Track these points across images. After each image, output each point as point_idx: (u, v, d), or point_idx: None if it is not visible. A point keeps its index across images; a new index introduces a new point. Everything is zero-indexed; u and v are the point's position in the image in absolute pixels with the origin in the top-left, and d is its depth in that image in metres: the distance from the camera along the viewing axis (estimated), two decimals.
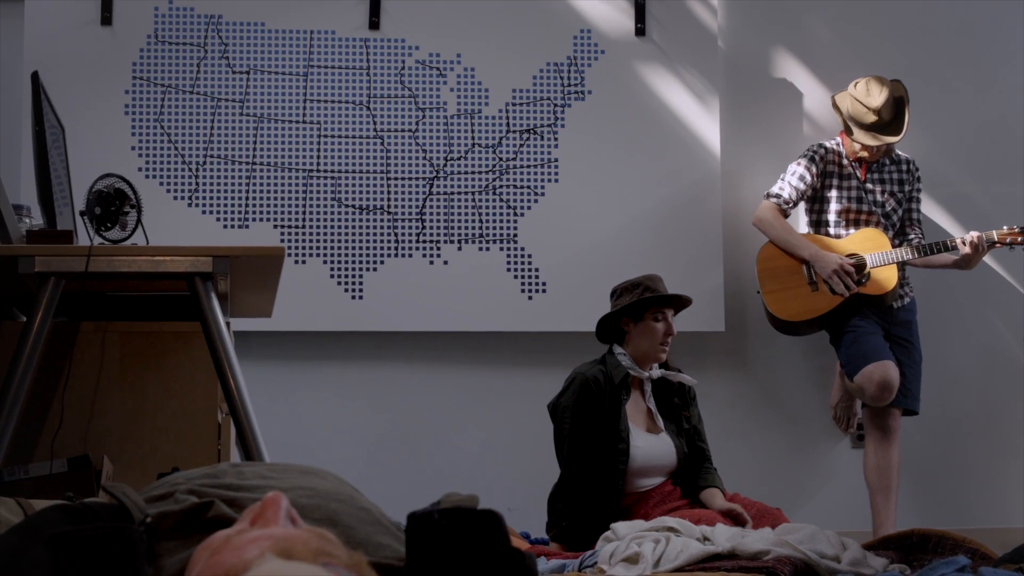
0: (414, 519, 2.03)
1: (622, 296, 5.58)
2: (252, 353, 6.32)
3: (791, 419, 7.00)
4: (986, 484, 7.13)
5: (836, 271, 6.17)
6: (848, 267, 6.18)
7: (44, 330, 3.71)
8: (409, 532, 2.03)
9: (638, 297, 5.49)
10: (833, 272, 6.18)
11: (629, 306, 5.50)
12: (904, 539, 4.88)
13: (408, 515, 2.06)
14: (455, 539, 1.83)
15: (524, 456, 6.43)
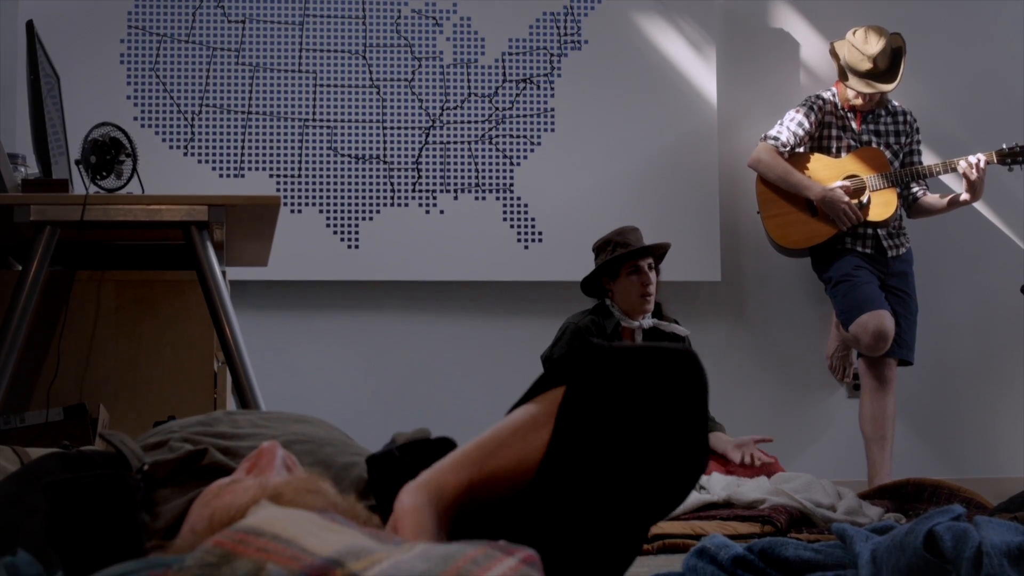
0: (374, 460, 2.04)
1: (598, 255, 5.61)
2: (248, 302, 6.32)
3: (787, 369, 7.01)
4: (981, 434, 7.15)
5: (843, 209, 6.16)
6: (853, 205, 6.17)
7: (40, 279, 3.71)
8: (371, 474, 2.04)
9: (609, 256, 5.50)
10: (840, 211, 6.17)
11: (603, 267, 5.52)
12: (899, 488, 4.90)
13: (367, 459, 2.07)
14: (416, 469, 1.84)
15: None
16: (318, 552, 1.35)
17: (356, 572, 1.33)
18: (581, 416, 1.86)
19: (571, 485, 1.86)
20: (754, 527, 4.31)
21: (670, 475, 1.90)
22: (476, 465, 1.82)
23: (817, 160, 6.39)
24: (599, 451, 1.85)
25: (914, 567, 2.66)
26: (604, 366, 1.89)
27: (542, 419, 1.88)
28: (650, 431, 1.86)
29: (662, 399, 1.87)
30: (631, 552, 2.02)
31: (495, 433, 1.89)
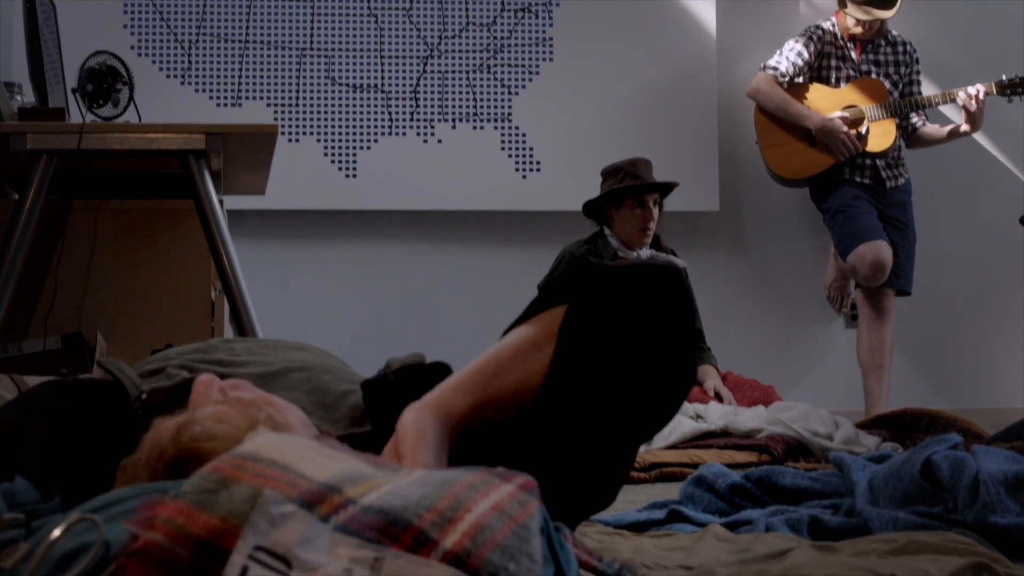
0: (369, 385, 2.04)
1: (606, 180, 5.59)
2: (246, 232, 6.31)
3: (785, 299, 7.01)
4: (979, 365, 7.16)
5: (841, 140, 6.14)
6: (851, 135, 6.16)
7: (36, 208, 3.70)
8: (367, 399, 2.04)
9: (617, 184, 5.49)
10: (839, 141, 6.15)
11: (609, 193, 5.51)
12: (896, 418, 4.91)
13: (361, 384, 2.07)
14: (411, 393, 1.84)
15: None
16: (315, 478, 1.35)
17: (353, 498, 1.33)
18: (582, 334, 1.87)
19: (571, 402, 1.86)
20: (751, 456, 4.33)
21: (662, 388, 1.91)
22: (480, 388, 1.82)
23: (816, 90, 6.37)
24: (599, 367, 1.86)
25: (911, 495, 2.67)
26: (602, 284, 1.90)
27: (542, 340, 1.88)
28: (643, 344, 1.87)
29: (654, 313, 1.89)
30: (623, 470, 2.03)
31: (496, 356, 1.89)
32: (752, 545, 2.38)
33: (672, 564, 2.28)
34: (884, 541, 2.24)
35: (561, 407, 1.87)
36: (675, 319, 1.91)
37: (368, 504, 1.32)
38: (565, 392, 1.86)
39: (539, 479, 1.41)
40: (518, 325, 1.96)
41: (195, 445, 1.54)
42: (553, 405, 1.86)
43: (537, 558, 1.37)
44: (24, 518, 1.39)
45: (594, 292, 1.90)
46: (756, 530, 2.65)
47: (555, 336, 1.89)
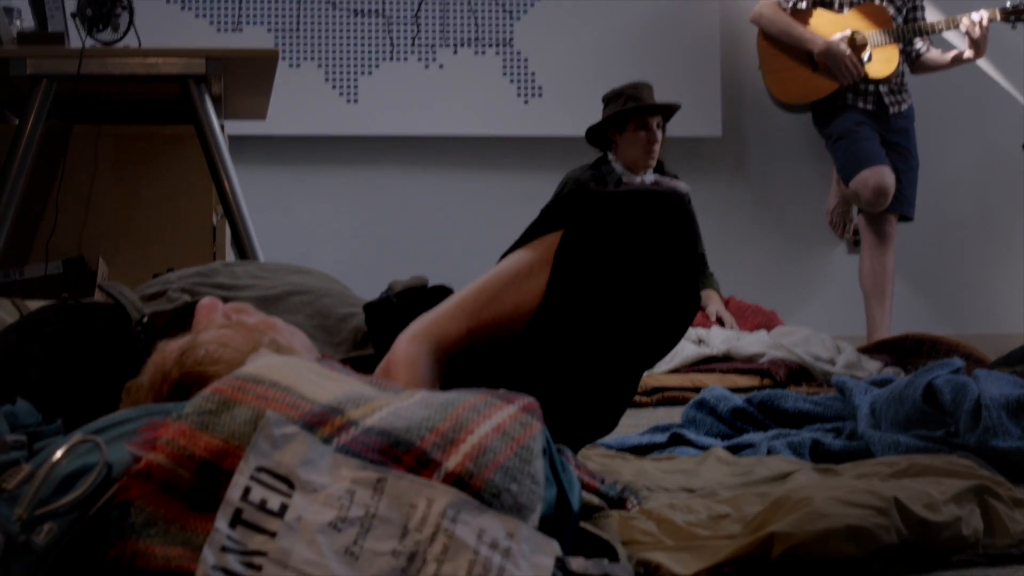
0: (371, 307, 2.04)
1: (608, 106, 5.57)
2: (247, 158, 6.29)
3: (787, 225, 7.00)
4: (981, 290, 7.16)
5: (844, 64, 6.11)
6: (855, 59, 6.12)
7: (37, 133, 3.69)
8: (369, 321, 2.04)
9: (620, 108, 5.48)
10: (842, 65, 6.11)
11: (612, 117, 5.50)
12: (898, 343, 4.91)
13: (364, 306, 2.07)
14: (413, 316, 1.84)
15: None
16: (317, 399, 1.35)
17: (355, 419, 1.33)
18: (578, 259, 1.86)
19: (568, 328, 1.86)
20: (753, 380, 4.33)
21: (664, 314, 1.90)
22: (474, 314, 1.82)
23: (820, 15, 6.32)
24: (596, 293, 1.85)
25: (913, 419, 2.67)
26: (599, 210, 1.88)
27: (538, 265, 1.88)
28: (645, 271, 1.86)
29: (655, 239, 1.88)
30: (626, 396, 2.02)
31: (492, 281, 1.88)
32: (754, 468, 2.39)
33: (674, 487, 2.29)
34: (886, 464, 2.24)
35: (556, 332, 1.86)
36: (677, 246, 1.90)
37: (370, 426, 1.32)
38: (559, 318, 1.85)
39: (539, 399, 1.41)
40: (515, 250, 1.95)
41: (199, 369, 1.54)
42: (547, 330, 1.86)
43: (539, 479, 1.37)
44: (26, 440, 1.39)
45: (591, 217, 1.88)
46: (758, 453, 2.65)
47: (551, 262, 1.88)
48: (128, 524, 1.24)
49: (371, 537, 1.24)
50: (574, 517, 1.48)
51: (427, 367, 1.72)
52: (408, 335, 1.77)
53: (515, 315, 1.85)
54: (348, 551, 1.22)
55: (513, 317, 1.85)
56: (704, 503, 2.08)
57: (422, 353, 1.73)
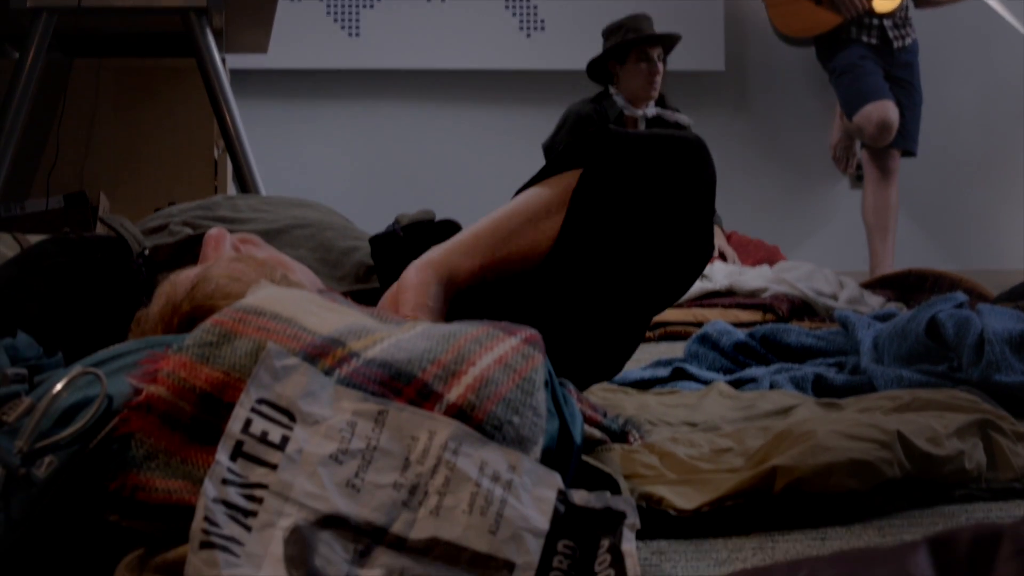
0: (377, 240, 2.03)
1: (608, 39, 5.55)
2: (249, 91, 6.27)
3: (790, 159, 6.98)
4: (984, 226, 7.15)
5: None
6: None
7: (37, 66, 3.67)
8: (375, 254, 2.03)
9: (620, 39, 5.45)
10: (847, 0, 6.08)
11: (612, 49, 5.47)
12: (901, 278, 4.91)
13: (369, 239, 2.06)
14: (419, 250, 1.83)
15: None
16: (318, 331, 1.34)
17: (356, 351, 1.32)
18: (595, 200, 1.84)
19: (581, 269, 1.85)
20: (755, 315, 4.33)
21: (677, 261, 1.89)
22: (488, 249, 1.81)
23: None
24: (611, 236, 1.84)
25: (916, 354, 2.67)
26: (620, 151, 1.86)
27: (555, 204, 1.86)
28: (661, 216, 1.85)
29: (675, 185, 1.86)
30: (634, 339, 2.02)
31: (507, 217, 1.87)
32: (756, 402, 2.39)
33: (676, 421, 2.29)
34: (888, 398, 2.24)
35: (568, 273, 1.85)
36: (696, 193, 1.88)
37: (372, 357, 1.31)
38: (573, 258, 1.84)
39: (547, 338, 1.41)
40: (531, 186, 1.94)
41: (210, 302, 1.53)
42: (559, 270, 1.85)
43: (541, 411, 1.36)
44: (26, 373, 1.38)
45: (611, 158, 1.86)
46: (760, 388, 2.65)
47: (568, 202, 1.86)
48: (129, 457, 1.24)
49: (372, 469, 1.23)
50: (576, 450, 1.48)
51: (435, 296, 1.71)
52: (419, 263, 1.76)
53: (529, 253, 1.83)
54: (349, 483, 1.22)
55: (527, 255, 1.83)
56: (706, 437, 2.08)
57: (432, 282, 1.72)
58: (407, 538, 1.21)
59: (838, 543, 1.61)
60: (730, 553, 1.55)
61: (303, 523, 1.18)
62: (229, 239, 1.82)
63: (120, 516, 1.23)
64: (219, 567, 1.12)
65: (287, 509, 1.19)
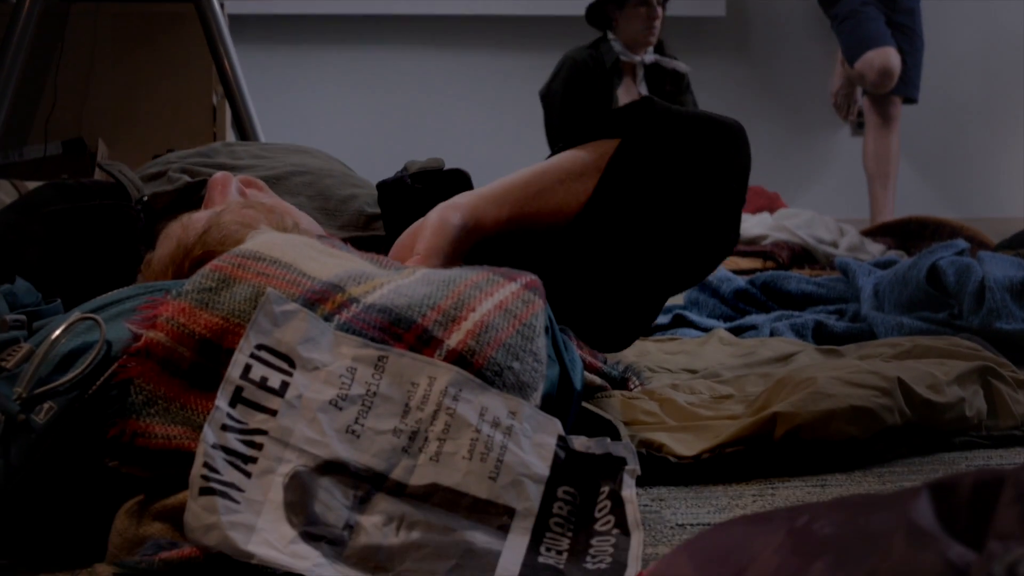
0: (385, 186, 2.01)
1: None
2: (248, 37, 6.24)
3: (791, 106, 6.97)
4: (985, 174, 7.14)
5: None
6: None
7: (35, 11, 3.65)
8: (382, 200, 2.02)
9: None
10: None
11: None
12: (902, 226, 4.90)
13: (377, 184, 2.05)
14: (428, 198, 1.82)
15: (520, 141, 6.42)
16: (318, 276, 1.34)
17: (356, 296, 1.32)
18: (630, 171, 1.83)
19: (605, 237, 1.84)
20: (756, 262, 4.33)
21: (701, 244, 1.88)
22: (518, 203, 1.79)
23: None
24: (640, 209, 1.83)
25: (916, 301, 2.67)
26: (661, 126, 1.85)
27: (590, 169, 1.84)
28: (693, 197, 1.84)
29: (710, 167, 1.86)
30: (647, 317, 2.00)
31: (541, 174, 1.85)
32: (757, 349, 2.39)
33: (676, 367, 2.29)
34: (889, 345, 2.24)
35: (591, 238, 1.84)
36: (730, 179, 1.89)
37: (371, 303, 1.31)
38: (598, 225, 1.83)
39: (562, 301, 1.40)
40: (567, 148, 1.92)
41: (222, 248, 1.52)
42: (584, 234, 1.84)
43: (542, 357, 1.36)
44: (25, 319, 1.38)
45: (651, 132, 1.85)
46: (761, 335, 2.65)
47: (603, 168, 1.85)
48: (128, 403, 1.24)
49: (372, 415, 1.23)
50: (576, 396, 1.48)
51: (456, 238, 1.70)
52: (446, 204, 1.75)
53: (557, 213, 1.82)
54: (349, 429, 1.22)
55: (554, 214, 1.82)
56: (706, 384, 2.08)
57: (455, 223, 1.70)
58: (407, 484, 1.21)
59: (838, 490, 1.61)
60: (730, 500, 1.56)
61: (303, 469, 1.18)
62: (235, 183, 1.81)
63: (119, 462, 1.23)
64: (218, 513, 1.12)
65: (287, 455, 1.19)
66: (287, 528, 1.15)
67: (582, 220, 1.83)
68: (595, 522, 1.26)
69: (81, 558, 1.27)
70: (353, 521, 1.18)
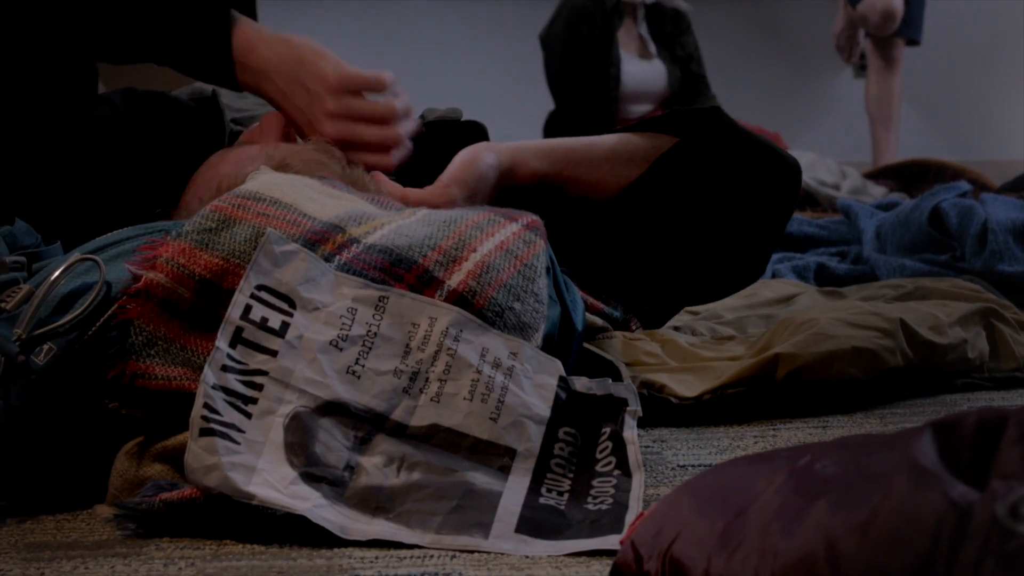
0: None
1: None
2: None
3: (793, 48, 6.94)
4: (987, 116, 7.12)
5: None
6: None
7: None
8: None
9: None
10: None
11: None
12: (904, 169, 4.90)
13: None
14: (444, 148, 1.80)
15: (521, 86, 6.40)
16: (318, 217, 1.33)
17: (357, 237, 1.32)
18: (681, 172, 1.80)
19: (637, 227, 1.82)
20: None
21: (727, 268, 1.86)
22: (558, 163, 1.77)
23: None
24: (678, 212, 1.81)
25: (918, 243, 2.67)
26: (725, 139, 1.82)
27: (639, 157, 1.82)
28: (732, 218, 1.81)
29: (758, 196, 1.82)
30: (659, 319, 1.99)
31: (588, 145, 1.83)
32: (759, 291, 2.38)
33: None
34: (891, 287, 2.24)
35: (621, 225, 1.82)
36: (772, 213, 1.85)
37: (372, 243, 1.31)
38: (632, 216, 1.81)
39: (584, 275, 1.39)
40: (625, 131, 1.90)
41: None
42: (614, 219, 1.82)
43: (543, 298, 1.36)
44: (25, 260, 1.37)
45: (713, 141, 1.82)
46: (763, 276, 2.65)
47: (652, 161, 1.82)
48: (128, 344, 1.23)
49: (373, 356, 1.23)
50: (578, 337, 1.48)
51: (484, 175, 1.68)
52: (486, 144, 1.73)
53: (594, 188, 1.80)
54: (350, 370, 1.22)
55: (592, 188, 1.80)
56: (708, 325, 2.08)
57: (488, 161, 1.69)
58: (408, 425, 1.21)
59: (839, 431, 1.61)
60: (731, 441, 1.56)
61: (303, 410, 1.18)
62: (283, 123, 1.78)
63: (119, 403, 1.23)
64: (219, 454, 1.12)
65: (287, 396, 1.19)
66: (287, 469, 1.15)
67: (618, 202, 1.81)
68: (596, 463, 1.26)
69: (81, 500, 1.27)
70: (354, 462, 1.18)
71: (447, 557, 1.11)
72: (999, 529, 0.70)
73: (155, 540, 1.16)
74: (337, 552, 1.12)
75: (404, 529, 1.14)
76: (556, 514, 1.19)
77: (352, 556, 1.11)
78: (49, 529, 1.21)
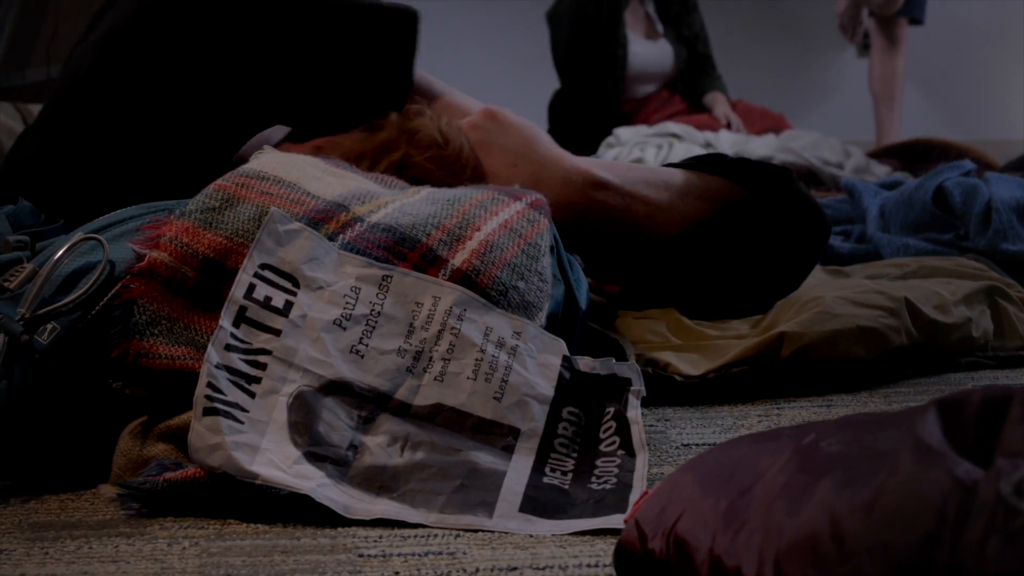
0: None
1: None
2: None
3: (797, 28, 6.92)
4: (991, 95, 7.10)
5: None
6: None
7: None
8: None
9: None
10: None
11: None
12: (907, 148, 4.88)
13: None
14: None
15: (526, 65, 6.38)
16: (322, 196, 1.33)
17: (360, 215, 1.31)
18: (744, 229, 1.86)
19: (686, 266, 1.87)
20: None
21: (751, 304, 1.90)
22: (617, 177, 1.80)
23: None
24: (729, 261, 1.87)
25: (922, 222, 2.66)
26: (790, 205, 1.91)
27: (702, 200, 1.86)
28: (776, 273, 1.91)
29: (801, 255, 1.94)
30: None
31: (652, 171, 1.93)
32: None
33: None
34: (895, 266, 2.23)
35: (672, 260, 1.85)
36: (806, 268, 1.96)
37: (376, 222, 1.30)
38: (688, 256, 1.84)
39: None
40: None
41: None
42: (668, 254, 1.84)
43: (547, 276, 1.36)
44: (28, 239, 1.37)
45: (779, 206, 1.90)
46: None
47: (717, 205, 1.86)
48: (132, 323, 1.23)
49: (377, 335, 1.23)
50: (582, 316, 1.47)
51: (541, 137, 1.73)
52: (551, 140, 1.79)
53: (643, 212, 1.81)
54: (354, 349, 1.21)
55: (644, 208, 1.82)
56: None
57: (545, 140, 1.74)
58: (411, 404, 1.21)
59: (844, 410, 1.61)
60: (735, 420, 1.56)
61: (307, 389, 1.18)
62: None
63: (123, 383, 1.23)
64: (223, 433, 1.12)
65: (291, 375, 1.19)
66: (291, 448, 1.15)
67: (677, 242, 1.83)
68: (600, 443, 1.26)
69: (85, 479, 1.27)
70: (357, 441, 1.18)
71: (451, 536, 1.11)
72: (1004, 507, 0.70)
73: (159, 520, 1.16)
74: (341, 531, 1.12)
75: (408, 508, 1.14)
76: (560, 493, 1.19)
77: (356, 535, 1.11)
78: (53, 509, 1.21)
